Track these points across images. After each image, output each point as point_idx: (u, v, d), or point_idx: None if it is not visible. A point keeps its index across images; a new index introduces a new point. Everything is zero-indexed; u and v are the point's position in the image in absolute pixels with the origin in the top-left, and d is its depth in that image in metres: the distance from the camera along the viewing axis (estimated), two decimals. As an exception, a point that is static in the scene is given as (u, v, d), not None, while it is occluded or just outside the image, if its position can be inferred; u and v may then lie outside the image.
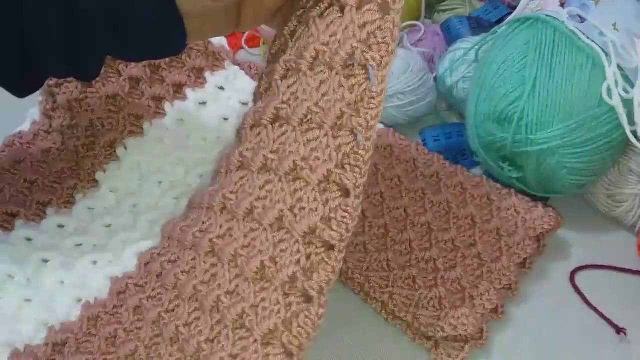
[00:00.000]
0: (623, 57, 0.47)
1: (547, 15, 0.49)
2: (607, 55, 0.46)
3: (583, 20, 0.49)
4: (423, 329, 0.44)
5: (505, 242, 0.48)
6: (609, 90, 0.46)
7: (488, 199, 0.51)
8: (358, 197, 0.33)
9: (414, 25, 0.68)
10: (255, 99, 0.45)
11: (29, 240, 0.48)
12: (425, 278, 0.46)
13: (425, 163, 0.55)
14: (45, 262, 0.46)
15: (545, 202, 0.52)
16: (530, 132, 0.48)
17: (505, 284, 0.46)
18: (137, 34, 0.41)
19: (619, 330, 0.46)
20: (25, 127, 0.57)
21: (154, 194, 0.52)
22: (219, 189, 0.40)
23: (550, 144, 0.47)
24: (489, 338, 0.45)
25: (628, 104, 0.46)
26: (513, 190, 0.51)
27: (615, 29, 0.48)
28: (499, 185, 0.52)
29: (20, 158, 0.54)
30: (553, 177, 0.49)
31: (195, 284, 0.38)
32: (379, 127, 0.58)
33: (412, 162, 0.55)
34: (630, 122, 0.46)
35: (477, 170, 0.56)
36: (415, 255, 0.48)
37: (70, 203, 0.52)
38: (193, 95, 0.60)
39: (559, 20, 0.48)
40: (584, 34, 0.47)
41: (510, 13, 0.60)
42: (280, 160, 0.36)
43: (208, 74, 0.61)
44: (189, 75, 0.61)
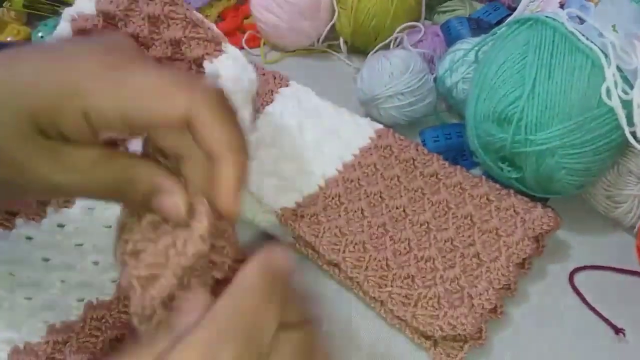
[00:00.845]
0: (622, 58, 0.47)
1: (546, 17, 0.49)
2: (606, 57, 0.47)
3: (582, 22, 0.49)
4: (422, 328, 0.44)
5: (504, 242, 0.48)
6: (608, 91, 0.46)
7: (487, 199, 0.51)
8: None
9: (414, 26, 0.69)
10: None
11: (29, 239, 0.48)
12: (424, 277, 0.46)
13: (425, 163, 0.55)
14: (46, 260, 0.47)
15: (545, 202, 0.52)
16: (530, 132, 0.48)
17: (504, 284, 0.46)
18: None
19: (618, 331, 0.46)
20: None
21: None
22: None
23: (550, 145, 0.47)
24: (488, 338, 0.45)
25: (627, 105, 0.46)
26: (512, 191, 0.51)
27: (615, 31, 0.48)
28: (498, 186, 0.52)
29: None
30: (552, 177, 0.49)
31: None
32: (379, 127, 0.58)
33: (411, 161, 0.55)
34: (629, 123, 0.46)
35: (476, 171, 0.57)
36: (414, 255, 0.48)
37: (70, 202, 0.52)
38: None
39: (559, 22, 0.48)
40: (584, 35, 0.47)
41: (510, 14, 0.60)
42: None
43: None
44: None
